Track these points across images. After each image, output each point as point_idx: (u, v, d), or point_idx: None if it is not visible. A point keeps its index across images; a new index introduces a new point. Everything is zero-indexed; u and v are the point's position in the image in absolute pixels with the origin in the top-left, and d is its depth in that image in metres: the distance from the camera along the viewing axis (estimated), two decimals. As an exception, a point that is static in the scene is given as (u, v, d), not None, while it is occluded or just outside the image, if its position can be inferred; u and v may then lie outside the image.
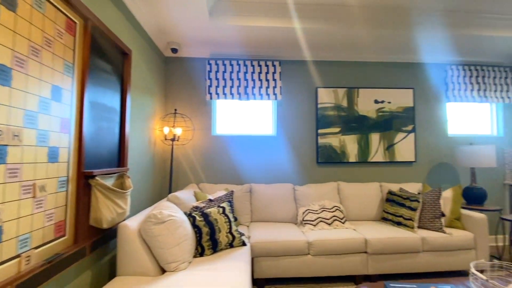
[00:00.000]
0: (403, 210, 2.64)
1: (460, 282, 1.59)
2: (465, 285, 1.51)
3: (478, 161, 2.96)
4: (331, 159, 3.26)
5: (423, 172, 3.37)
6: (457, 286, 1.49)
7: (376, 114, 3.34)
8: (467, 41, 2.98)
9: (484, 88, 3.42)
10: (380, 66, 3.40)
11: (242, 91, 3.13)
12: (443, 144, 3.41)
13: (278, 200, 2.85)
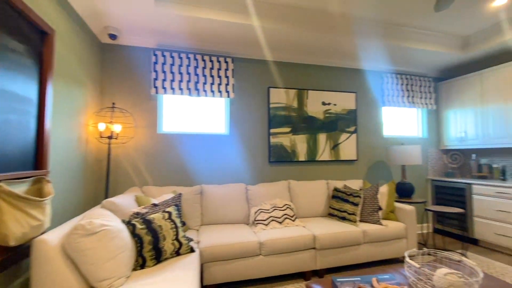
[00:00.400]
0: (347, 205, 2.82)
1: (396, 270, 1.73)
2: (400, 273, 1.65)
3: (407, 159, 3.34)
4: (283, 158, 3.31)
5: (363, 170, 3.67)
6: (394, 275, 1.61)
7: (324, 116, 3.51)
8: (398, 52, 3.32)
9: (412, 95, 3.89)
10: (327, 70, 3.59)
11: (193, 86, 2.94)
12: (379, 144, 3.77)
13: (230, 200, 2.76)
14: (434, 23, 3.01)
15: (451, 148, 3.98)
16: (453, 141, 3.89)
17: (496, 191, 3.09)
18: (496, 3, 2.58)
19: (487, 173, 3.54)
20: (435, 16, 2.83)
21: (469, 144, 3.65)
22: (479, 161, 3.67)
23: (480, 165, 3.64)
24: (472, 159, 3.72)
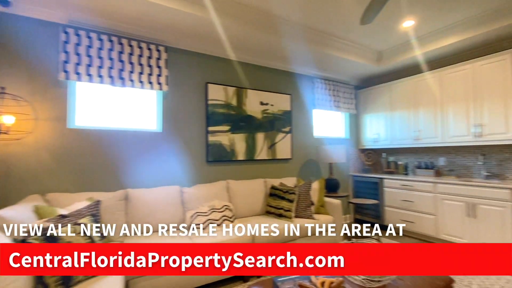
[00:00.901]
0: (284, 202, 2.89)
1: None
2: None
3: (333, 157, 3.66)
4: (221, 157, 3.18)
5: (297, 168, 3.87)
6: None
7: (262, 115, 3.54)
8: (326, 59, 3.58)
9: (338, 100, 4.31)
10: (266, 71, 3.64)
11: (116, 74, 2.53)
12: (310, 144, 4.04)
13: (162, 205, 2.48)
14: (356, 36, 3.38)
15: (367, 148, 4.57)
16: (368, 141, 4.48)
17: (401, 184, 3.68)
18: (406, 24, 3.06)
19: (394, 169, 4.20)
20: (356, 29, 3.18)
21: (381, 145, 4.27)
22: (388, 159, 4.33)
23: (388, 162, 4.29)
24: (383, 157, 4.36)
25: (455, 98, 3.32)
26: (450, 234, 3.12)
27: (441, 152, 3.74)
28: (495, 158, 3.21)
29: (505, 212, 2.68)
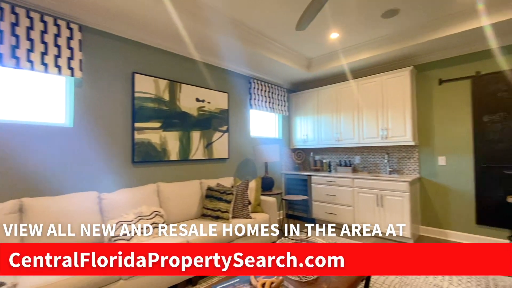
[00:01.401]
0: (221, 204, 2.80)
1: (268, 261, 1.82)
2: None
3: (269, 157, 3.77)
4: (151, 157, 2.86)
5: (233, 167, 3.82)
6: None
7: (197, 112, 3.36)
8: (261, 60, 3.63)
9: (272, 101, 4.47)
10: (202, 66, 3.46)
11: (7, 51, 1.96)
12: (247, 143, 4.06)
13: (72, 217, 2.03)
14: (290, 42, 3.56)
15: (297, 148, 4.90)
16: (299, 142, 4.80)
17: (326, 180, 4.06)
18: (332, 36, 3.38)
19: (319, 167, 4.61)
20: (290, 35, 3.34)
21: (309, 145, 4.64)
22: (315, 158, 4.74)
23: (315, 161, 4.69)
24: (311, 156, 4.75)
25: (368, 105, 3.86)
26: (364, 222, 3.60)
27: (357, 151, 4.30)
28: (396, 157, 3.88)
29: (404, 200, 3.25)
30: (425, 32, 3.09)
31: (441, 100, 3.50)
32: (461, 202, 3.32)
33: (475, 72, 3.23)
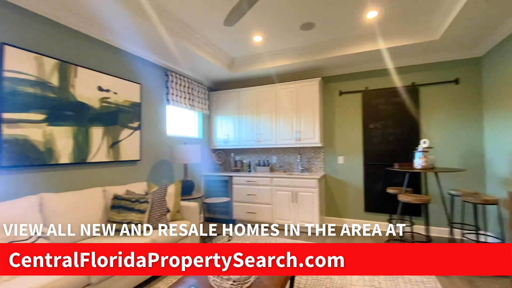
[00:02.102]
0: (133, 214, 2.37)
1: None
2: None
3: (189, 158, 3.50)
4: (29, 160, 2.13)
5: (146, 170, 3.35)
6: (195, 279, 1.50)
7: (100, 104, 2.75)
8: (181, 52, 3.31)
9: (192, 98, 4.18)
10: (107, 48, 2.86)
11: None
12: (163, 143, 3.64)
13: None
14: (215, 38, 3.41)
15: (218, 148, 4.78)
16: (219, 142, 4.70)
17: (246, 180, 4.11)
18: (256, 39, 3.43)
19: (240, 167, 4.64)
20: (216, 32, 3.20)
21: (230, 145, 4.60)
22: (235, 158, 4.74)
23: (236, 161, 4.69)
24: (232, 156, 4.72)
25: (285, 109, 4.15)
26: (281, 218, 3.83)
27: (274, 152, 4.55)
28: (306, 157, 4.31)
29: (313, 196, 3.63)
30: (334, 48, 3.55)
31: (340, 109, 4.11)
32: (354, 194, 3.99)
33: (364, 87, 3.95)
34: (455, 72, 3.47)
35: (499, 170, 3.01)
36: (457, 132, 3.45)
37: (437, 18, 2.88)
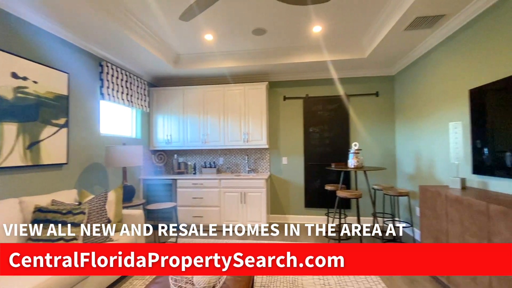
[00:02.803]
0: (64, 229, 1.98)
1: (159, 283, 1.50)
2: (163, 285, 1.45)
3: (129, 160, 3.13)
4: None
5: (74, 176, 2.83)
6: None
7: (14, 95, 2.20)
8: (119, 40, 2.93)
9: (131, 94, 3.75)
10: (24, 25, 2.31)
11: None
12: (96, 143, 3.16)
13: None
14: (160, 30, 3.15)
15: (159, 149, 4.43)
16: (160, 142, 4.35)
17: (192, 182, 3.93)
18: (207, 37, 3.33)
19: (184, 169, 4.41)
20: (162, 24, 2.97)
21: (173, 146, 4.32)
22: (179, 160, 4.48)
23: (179, 163, 4.43)
24: (175, 158, 4.43)
25: (234, 111, 4.16)
26: (229, 220, 3.81)
27: (221, 153, 4.50)
28: (253, 158, 4.43)
29: (261, 196, 3.76)
30: (282, 55, 3.76)
31: (285, 113, 4.38)
32: (296, 192, 4.31)
33: (305, 94, 4.32)
34: (376, 86, 4.16)
35: (406, 168, 3.76)
36: (377, 137, 4.14)
37: (366, 40, 3.40)
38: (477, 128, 2.29)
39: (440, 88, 2.91)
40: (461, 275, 1.85)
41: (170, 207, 3.37)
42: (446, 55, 2.79)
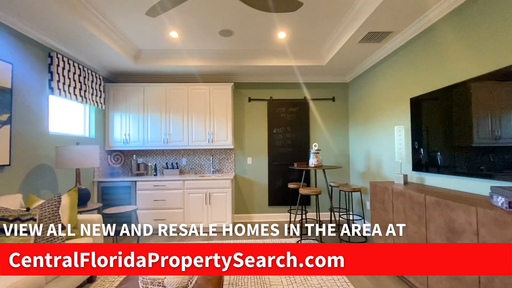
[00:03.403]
0: (12, 238, 1.77)
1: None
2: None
3: (84, 161, 2.90)
4: None
5: (18, 179, 2.52)
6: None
7: None
8: (71, 28, 2.66)
9: (85, 89, 3.46)
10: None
11: None
12: (43, 142, 2.84)
13: None
14: (120, 23, 2.97)
15: (115, 149, 4.14)
16: (118, 142, 4.08)
17: (153, 184, 3.78)
18: (172, 35, 3.24)
19: (143, 170, 4.20)
20: (122, 16, 2.81)
21: (132, 146, 4.09)
22: (138, 161, 4.25)
23: (139, 164, 4.21)
24: (134, 159, 4.19)
25: (198, 110, 4.11)
26: (194, 221, 3.76)
27: (184, 153, 4.41)
28: (218, 158, 4.43)
29: (227, 196, 3.80)
30: (248, 58, 3.85)
31: (250, 114, 4.49)
32: (260, 191, 4.44)
33: (270, 96, 4.49)
34: (333, 91, 4.52)
35: (358, 166, 4.17)
36: (334, 138, 4.50)
37: (326, 49, 3.69)
38: (416, 132, 2.69)
39: (386, 95, 3.32)
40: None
41: (129, 210, 3.20)
42: (391, 67, 3.20)
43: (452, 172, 2.20)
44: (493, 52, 1.86)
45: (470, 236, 1.57)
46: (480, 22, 1.98)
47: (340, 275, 2.44)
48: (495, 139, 1.81)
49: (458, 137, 2.14)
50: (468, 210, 1.58)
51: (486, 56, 1.92)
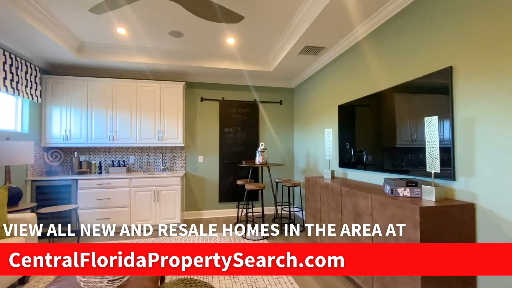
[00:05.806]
0: None
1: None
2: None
3: (16, 158, 2.72)
4: None
5: None
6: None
7: None
8: (4, 16, 2.52)
9: (16, 80, 3.19)
10: None
11: None
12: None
13: None
14: (60, 13, 2.84)
15: (53, 146, 3.88)
16: (57, 139, 3.83)
17: (97, 183, 3.66)
18: (119, 31, 3.20)
19: (86, 168, 4.01)
20: (64, 7, 2.72)
21: (73, 143, 3.87)
22: (80, 158, 4.04)
23: (81, 162, 4.01)
24: (75, 156, 3.97)
25: (147, 108, 4.09)
26: (141, 220, 3.74)
27: (132, 151, 4.32)
28: (168, 156, 4.45)
29: (176, 193, 3.87)
30: (198, 59, 3.97)
31: (202, 113, 4.61)
32: (211, 188, 4.60)
33: (221, 97, 4.67)
34: (280, 95, 4.91)
35: (300, 164, 4.62)
36: (280, 138, 4.89)
37: (271, 57, 4.02)
38: (341, 134, 3.16)
39: (322, 101, 3.78)
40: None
41: (68, 209, 3.08)
42: (325, 77, 3.67)
43: (363, 168, 2.68)
44: (398, 69, 2.34)
45: (367, 217, 1.99)
46: (392, 43, 2.47)
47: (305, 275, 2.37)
48: (403, 141, 2.31)
49: (374, 138, 2.62)
50: (366, 196, 2.00)
51: (393, 72, 2.40)
